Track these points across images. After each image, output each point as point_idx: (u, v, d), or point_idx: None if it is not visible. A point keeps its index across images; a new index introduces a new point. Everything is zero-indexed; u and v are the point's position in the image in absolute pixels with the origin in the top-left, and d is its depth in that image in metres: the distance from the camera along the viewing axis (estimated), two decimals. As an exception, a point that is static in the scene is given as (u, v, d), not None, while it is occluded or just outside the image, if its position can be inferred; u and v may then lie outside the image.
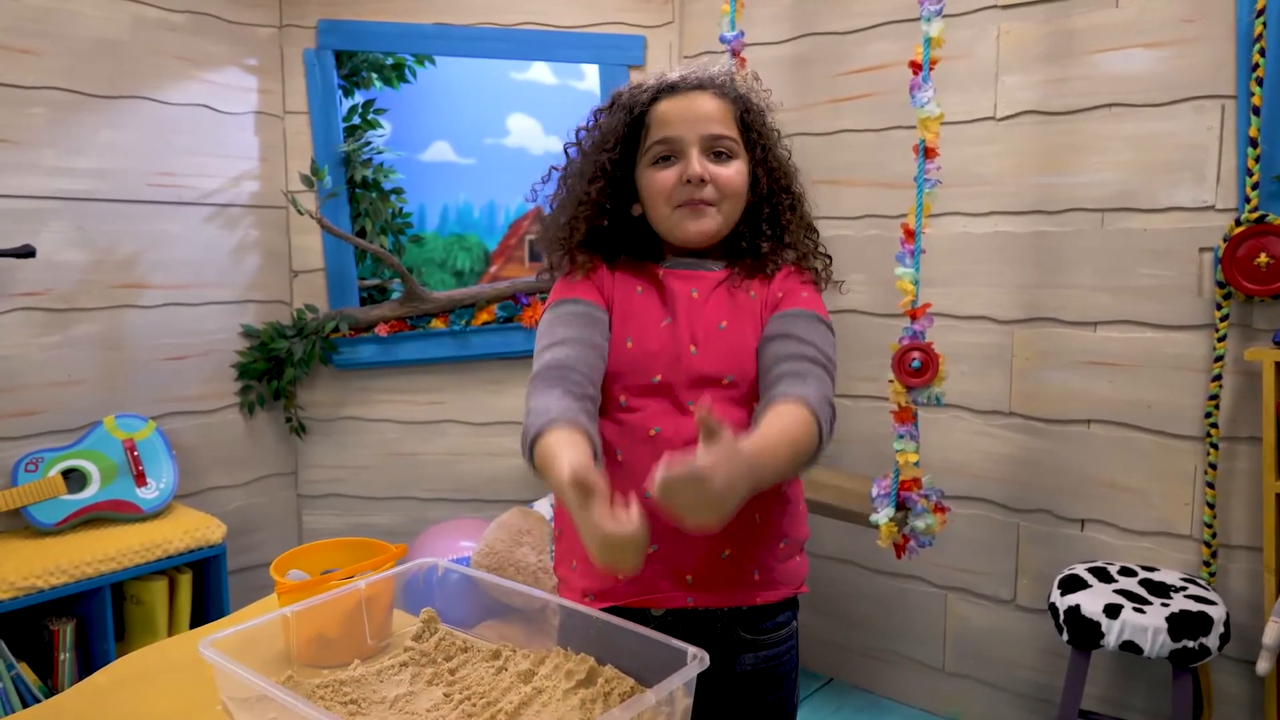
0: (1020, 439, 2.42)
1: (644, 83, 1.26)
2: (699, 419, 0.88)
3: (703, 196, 1.20)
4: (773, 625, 1.25)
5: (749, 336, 1.21)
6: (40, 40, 2.40)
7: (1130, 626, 1.89)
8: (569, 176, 1.29)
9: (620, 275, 1.26)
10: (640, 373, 1.19)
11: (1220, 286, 2.06)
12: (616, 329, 1.22)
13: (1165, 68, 2.13)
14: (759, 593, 1.23)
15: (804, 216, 1.30)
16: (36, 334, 2.44)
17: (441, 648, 1.14)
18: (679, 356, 1.19)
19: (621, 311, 1.23)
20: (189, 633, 1.47)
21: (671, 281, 1.24)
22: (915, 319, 2.13)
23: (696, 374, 1.18)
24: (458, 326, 2.97)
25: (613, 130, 1.24)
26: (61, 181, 2.46)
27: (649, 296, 1.24)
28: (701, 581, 1.19)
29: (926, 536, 2.17)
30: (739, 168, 1.23)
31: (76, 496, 2.40)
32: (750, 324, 1.22)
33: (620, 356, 1.20)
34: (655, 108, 1.23)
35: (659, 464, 0.85)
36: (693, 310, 1.22)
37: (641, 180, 1.24)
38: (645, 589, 1.19)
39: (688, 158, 1.20)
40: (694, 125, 1.20)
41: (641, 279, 1.25)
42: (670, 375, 1.18)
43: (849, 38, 2.64)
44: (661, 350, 1.20)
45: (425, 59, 3.05)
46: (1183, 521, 2.18)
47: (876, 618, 2.74)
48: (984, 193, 2.42)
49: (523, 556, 2.58)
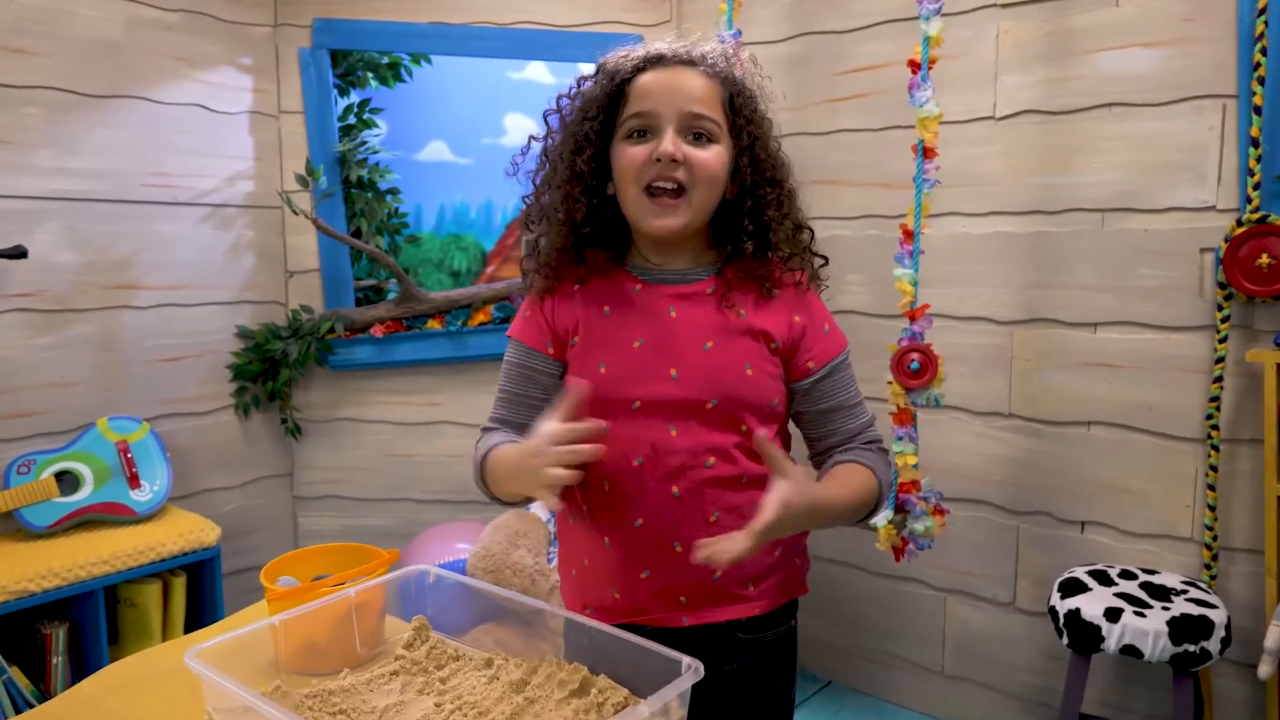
0: (1020, 441, 2.40)
1: (632, 51, 1.19)
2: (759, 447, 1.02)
3: (673, 176, 1.12)
4: (771, 627, 1.24)
5: (736, 357, 1.15)
6: (34, 40, 2.38)
7: (1131, 630, 1.87)
8: (550, 150, 1.22)
9: (586, 292, 1.20)
10: (619, 397, 1.14)
11: (1221, 287, 2.05)
12: (584, 355, 1.17)
13: (1166, 67, 2.12)
14: (756, 603, 1.21)
15: (792, 214, 1.21)
16: (30, 335, 2.42)
17: (433, 656, 1.12)
18: (657, 381, 1.14)
19: (588, 336, 1.18)
20: (178, 639, 1.45)
21: (647, 297, 1.18)
22: (914, 320, 2.12)
23: (677, 399, 1.14)
24: (454, 327, 2.96)
25: (594, 99, 1.17)
26: (55, 182, 2.45)
27: (619, 315, 1.18)
28: (696, 601, 1.18)
29: (926, 539, 2.16)
30: (718, 153, 1.14)
31: (69, 499, 2.38)
32: (740, 345, 1.16)
33: (594, 381, 1.13)
34: (638, 78, 1.15)
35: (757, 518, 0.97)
36: (671, 331, 1.16)
37: (614, 154, 1.17)
38: (639, 610, 1.17)
39: (662, 135, 1.12)
40: (674, 101, 1.12)
41: (612, 294, 1.19)
42: (649, 400, 1.14)
43: (847, 37, 2.62)
44: (636, 375, 1.15)
45: (421, 58, 3.03)
46: (1183, 524, 2.16)
47: (875, 620, 2.72)
48: (983, 193, 2.40)
49: (520, 559, 2.57)
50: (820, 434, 1.23)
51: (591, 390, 1.07)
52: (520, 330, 1.23)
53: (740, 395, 1.15)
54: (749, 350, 1.17)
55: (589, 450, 0.99)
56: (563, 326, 1.20)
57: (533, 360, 1.21)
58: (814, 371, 1.19)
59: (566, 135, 1.19)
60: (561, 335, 1.20)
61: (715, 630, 1.19)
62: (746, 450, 1.16)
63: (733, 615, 1.19)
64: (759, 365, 1.17)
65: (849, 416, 1.22)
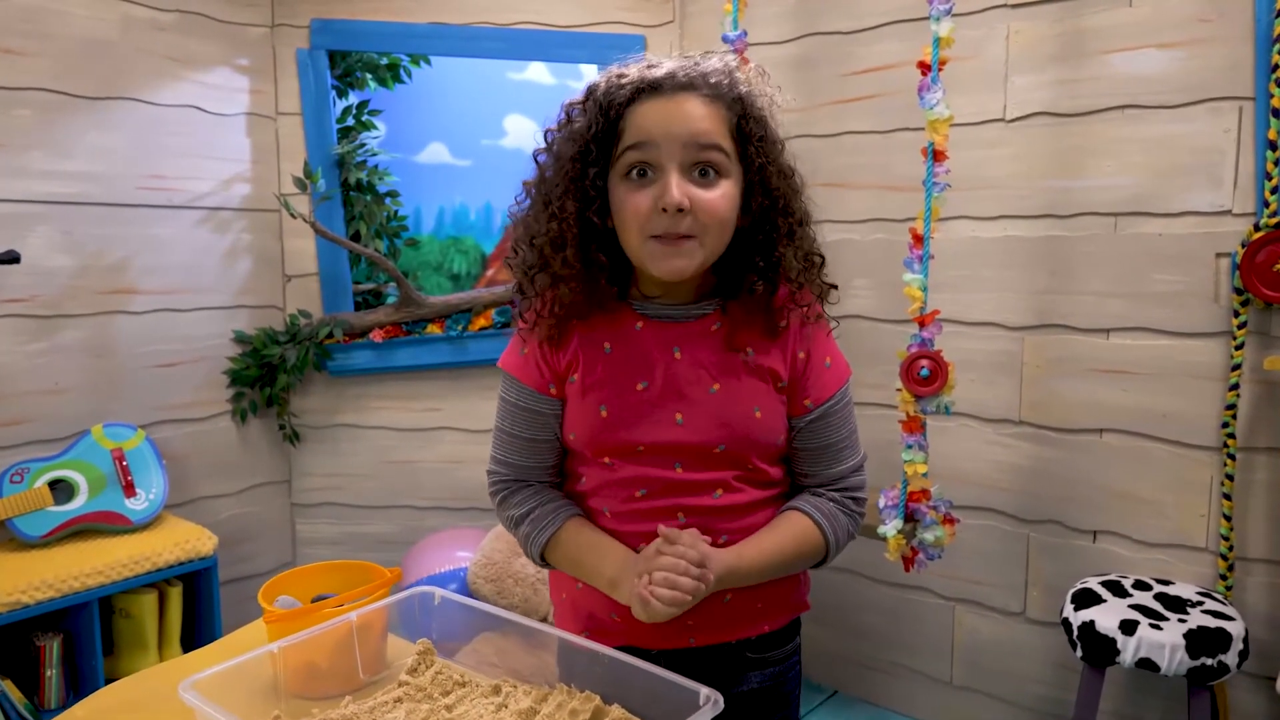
0: (1030, 448, 2.36)
1: (625, 74, 1.07)
2: (661, 532, 1.05)
3: (681, 231, 1.02)
4: (779, 644, 1.21)
5: (744, 400, 1.10)
6: (27, 40, 2.34)
7: (1147, 643, 1.84)
8: (537, 185, 1.11)
9: (586, 331, 1.12)
10: (623, 442, 1.10)
11: (1238, 293, 2.01)
12: (582, 395, 1.12)
13: (1180, 68, 2.08)
14: (765, 621, 1.19)
15: (802, 244, 1.11)
16: (23, 341, 2.38)
17: (438, 682, 1.08)
18: (662, 427, 1.09)
19: (588, 375, 1.11)
20: (173, 661, 1.41)
21: (650, 336, 1.11)
22: (924, 326, 2.08)
23: (683, 444, 1.09)
24: (455, 332, 2.92)
25: (583, 133, 1.06)
26: (49, 185, 2.41)
27: (620, 354, 1.11)
28: (703, 625, 1.14)
29: (936, 549, 2.12)
30: (726, 190, 1.04)
31: (63, 508, 2.34)
32: (747, 386, 1.11)
33: (597, 426, 1.10)
34: (634, 108, 1.04)
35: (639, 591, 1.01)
36: (676, 373, 1.09)
37: (613, 194, 1.06)
38: (643, 631, 1.11)
39: (666, 179, 1.01)
40: (676, 136, 1.01)
41: (612, 330, 1.12)
42: (654, 445, 1.10)
43: (854, 37, 2.58)
44: (641, 419, 1.09)
45: (421, 59, 2.99)
46: (1198, 533, 2.13)
47: (882, 629, 2.69)
48: (993, 196, 2.36)
49: (521, 567, 2.53)
50: (803, 470, 1.19)
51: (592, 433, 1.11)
52: (519, 369, 1.16)
53: (749, 437, 1.12)
54: (756, 391, 1.11)
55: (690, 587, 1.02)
56: (562, 362, 1.13)
57: (536, 403, 1.15)
58: (811, 410, 1.14)
59: (559, 177, 1.07)
60: (561, 372, 1.14)
61: (724, 651, 1.17)
62: (753, 480, 1.14)
63: (742, 635, 1.17)
64: (767, 406, 1.12)
65: (834, 460, 1.17)
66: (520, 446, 1.17)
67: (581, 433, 1.12)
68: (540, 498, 1.17)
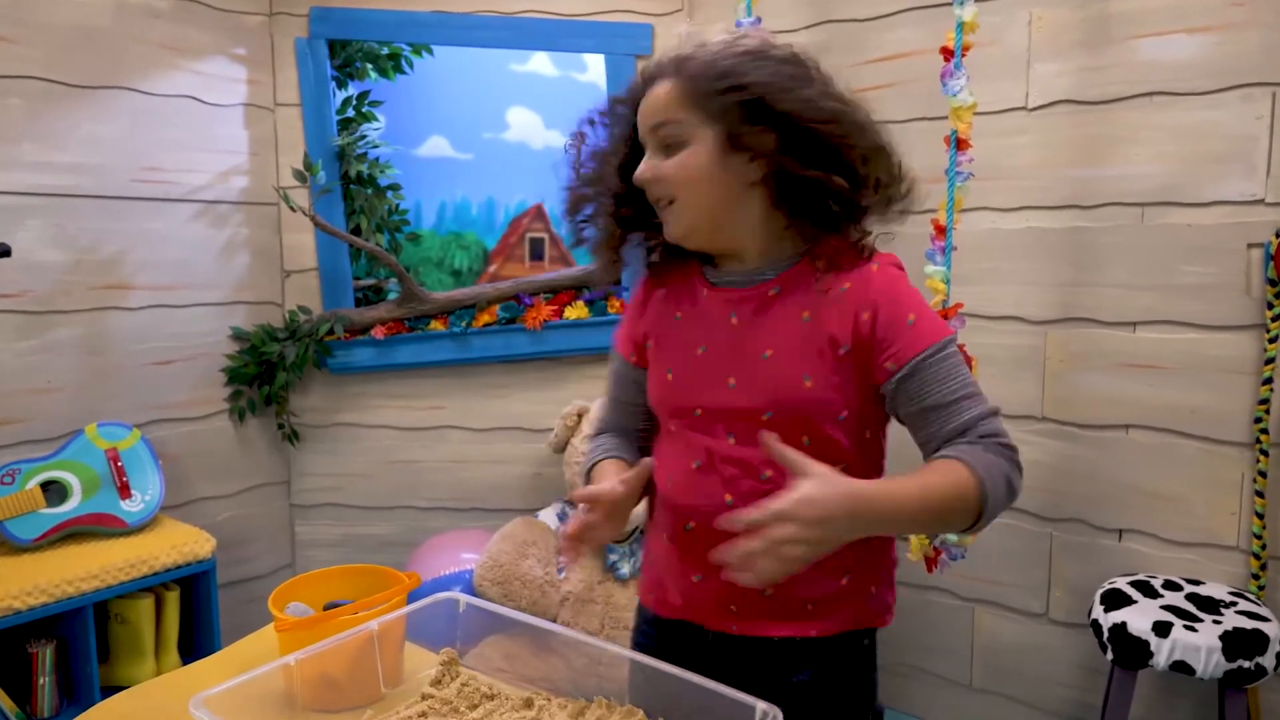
0: (1054, 445, 2.30)
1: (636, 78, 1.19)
2: (766, 449, 0.97)
3: (655, 197, 1.14)
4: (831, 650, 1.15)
5: (795, 368, 1.08)
6: (16, 28, 2.27)
7: (1182, 646, 1.78)
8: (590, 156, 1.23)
9: (662, 297, 1.23)
10: (683, 405, 1.17)
11: (1271, 284, 1.96)
12: (656, 361, 1.21)
13: (1211, 54, 2.02)
14: (814, 624, 1.12)
15: (860, 143, 1.10)
16: (13, 338, 2.31)
17: (464, 695, 1.02)
18: (716, 390, 1.13)
19: (659, 342, 1.21)
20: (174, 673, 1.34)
21: (712, 302, 1.17)
22: (946, 319, 2.02)
23: (734, 409, 1.12)
24: (458, 328, 2.85)
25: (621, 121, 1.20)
26: (40, 177, 2.33)
27: (687, 320, 1.19)
28: (745, 612, 1.12)
29: (959, 549, 2.08)
30: (686, 156, 1.09)
31: (56, 510, 2.27)
32: (801, 353, 1.09)
33: (663, 388, 1.20)
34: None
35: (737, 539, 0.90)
36: (732, 338, 1.13)
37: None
38: (692, 611, 1.17)
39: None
40: (646, 125, 1.13)
41: (684, 298, 1.20)
42: (709, 409, 1.14)
43: (870, 25, 2.52)
44: (698, 382, 1.15)
45: (422, 49, 2.92)
46: (1228, 532, 2.07)
47: (899, 631, 2.62)
48: (1015, 186, 2.31)
49: (529, 569, 2.46)
50: (921, 439, 1.10)
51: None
52: (617, 336, 1.29)
53: (798, 407, 1.09)
54: (810, 359, 1.08)
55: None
56: (641, 332, 1.23)
57: (624, 368, 1.27)
58: (894, 372, 1.06)
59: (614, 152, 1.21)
60: (640, 341, 1.24)
61: (768, 644, 1.13)
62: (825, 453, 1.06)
63: (786, 633, 1.12)
64: (821, 376, 1.08)
65: (947, 416, 1.05)
66: (610, 404, 1.33)
67: (654, 395, 1.22)
68: (611, 440, 1.29)
